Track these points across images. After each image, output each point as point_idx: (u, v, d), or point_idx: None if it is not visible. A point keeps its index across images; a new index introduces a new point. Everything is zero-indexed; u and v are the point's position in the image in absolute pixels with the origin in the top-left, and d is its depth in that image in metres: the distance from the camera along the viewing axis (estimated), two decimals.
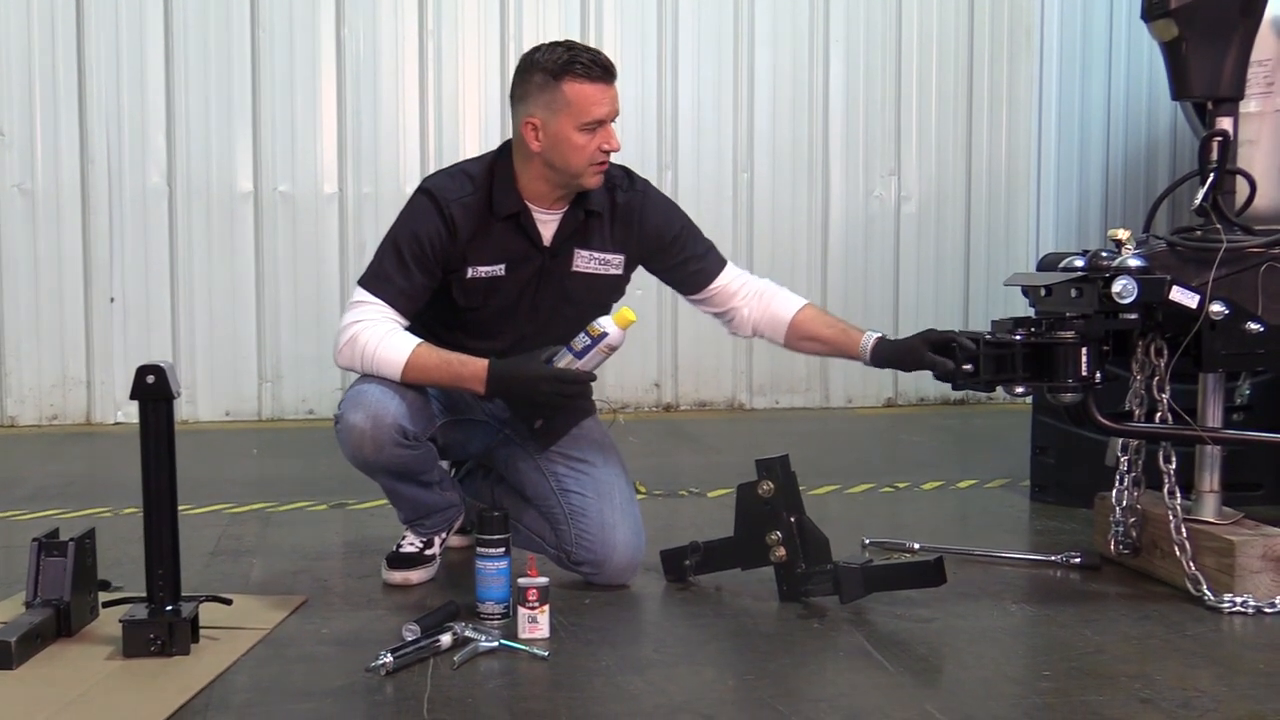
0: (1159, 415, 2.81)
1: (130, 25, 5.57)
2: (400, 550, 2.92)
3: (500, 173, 2.79)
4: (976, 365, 2.67)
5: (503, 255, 2.78)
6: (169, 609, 2.35)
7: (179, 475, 2.39)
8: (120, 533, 3.30)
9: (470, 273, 2.77)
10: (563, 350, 2.66)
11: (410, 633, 2.39)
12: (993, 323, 2.82)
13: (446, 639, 2.36)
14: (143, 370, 2.34)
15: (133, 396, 2.34)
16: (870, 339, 2.79)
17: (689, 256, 2.93)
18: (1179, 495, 2.78)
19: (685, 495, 4.02)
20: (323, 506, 3.82)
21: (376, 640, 2.40)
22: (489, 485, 3.08)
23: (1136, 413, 2.87)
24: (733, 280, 2.95)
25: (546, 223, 2.80)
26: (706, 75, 6.08)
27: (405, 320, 2.74)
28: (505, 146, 2.84)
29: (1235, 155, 2.92)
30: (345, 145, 5.78)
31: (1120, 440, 2.94)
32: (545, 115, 2.70)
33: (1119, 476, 2.97)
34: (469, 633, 2.39)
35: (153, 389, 2.33)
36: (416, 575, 2.89)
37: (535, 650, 2.37)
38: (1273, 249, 2.80)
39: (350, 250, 5.70)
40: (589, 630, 2.54)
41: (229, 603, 2.54)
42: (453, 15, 5.83)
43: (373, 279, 2.75)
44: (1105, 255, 2.75)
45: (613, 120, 2.73)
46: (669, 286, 3.02)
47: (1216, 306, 2.71)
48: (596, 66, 2.68)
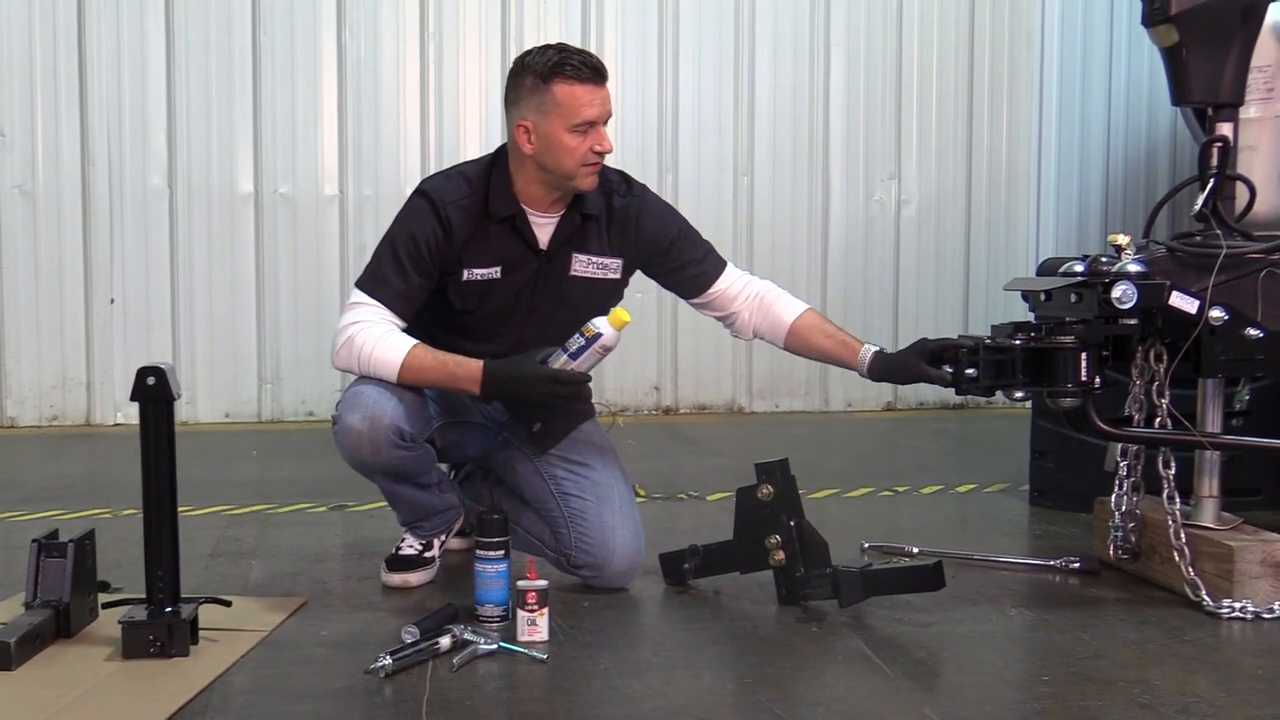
0: (1158, 420, 2.81)
1: (131, 26, 5.58)
2: (399, 552, 2.92)
3: (497, 175, 2.79)
4: (976, 370, 2.67)
5: (498, 258, 2.78)
6: (168, 610, 2.35)
7: (179, 477, 2.39)
8: (120, 534, 3.30)
9: (466, 275, 2.77)
10: (557, 351, 2.65)
11: (409, 635, 2.39)
12: (992, 327, 2.82)
13: (445, 641, 2.36)
14: (143, 372, 2.34)
15: (133, 398, 2.34)
16: (868, 353, 2.79)
17: (687, 261, 2.93)
18: (1178, 500, 2.78)
19: (684, 498, 4.02)
20: (322, 508, 3.82)
21: (375, 642, 2.40)
22: (488, 488, 3.08)
23: (1136, 418, 2.87)
24: (733, 284, 2.95)
25: (543, 226, 2.80)
26: (707, 79, 6.08)
27: (403, 322, 2.74)
28: (503, 149, 2.84)
29: (1235, 161, 2.92)
30: (346, 147, 5.78)
31: (1119, 445, 2.94)
32: (536, 118, 2.70)
33: (1118, 481, 2.97)
34: (468, 635, 2.39)
35: (153, 391, 2.33)
36: (416, 578, 2.89)
37: (534, 653, 2.37)
38: (1272, 255, 2.79)
39: (351, 252, 5.70)
40: (588, 633, 2.54)
41: (228, 604, 2.53)
42: (454, 18, 5.84)
43: (370, 281, 2.75)
44: (1105, 260, 2.75)
45: (604, 122, 2.72)
46: (669, 291, 3.02)
47: (1216, 312, 2.71)
48: (586, 68, 2.68)
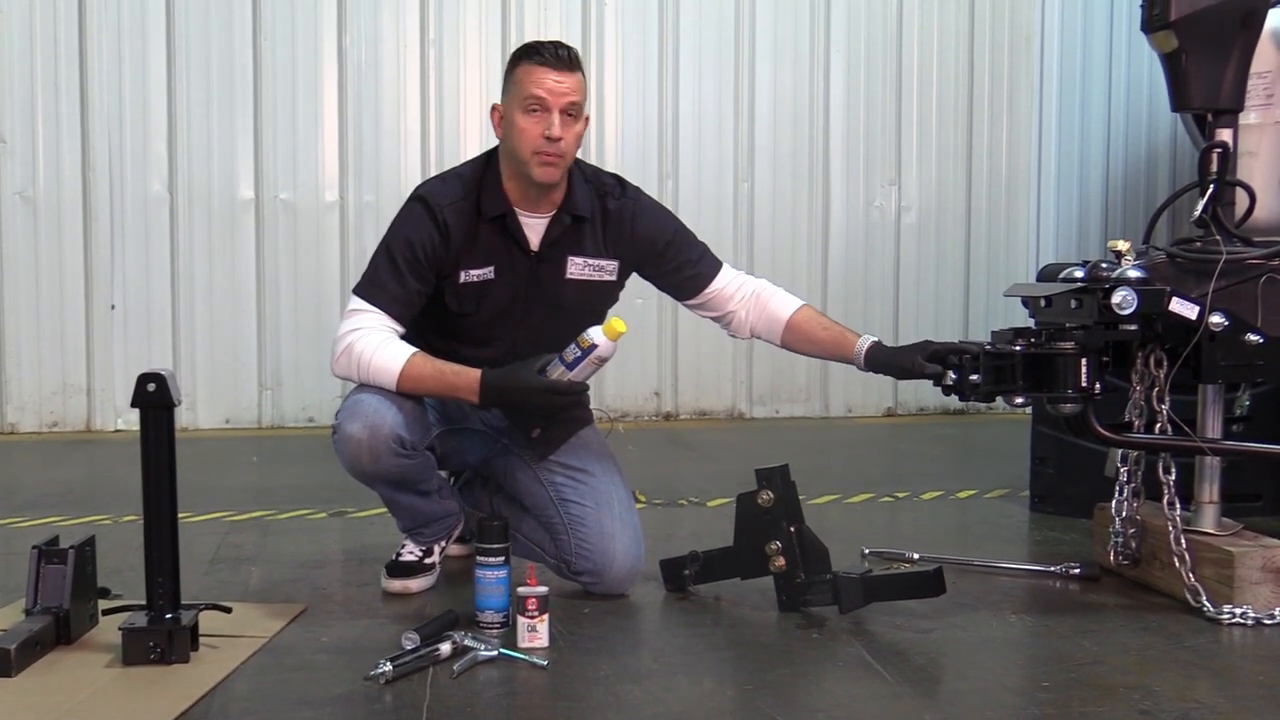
0: (1158, 426, 2.81)
1: (132, 33, 5.58)
2: (399, 559, 2.92)
3: (489, 175, 2.80)
4: (961, 374, 2.66)
5: (491, 258, 2.78)
6: (169, 617, 2.34)
7: (179, 483, 2.39)
8: (120, 540, 3.30)
9: (463, 276, 2.77)
10: (555, 360, 2.65)
11: (409, 641, 2.39)
12: (993, 333, 2.82)
13: (446, 648, 2.36)
14: (144, 378, 2.34)
15: (133, 404, 2.34)
16: (865, 343, 2.78)
17: (682, 262, 2.92)
18: (1178, 506, 2.78)
19: (685, 504, 4.02)
20: (322, 515, 3.82)
21: (376, 649, 2.40)
22: (488, 494, 3.08)
23: (1136, 424, 2.87)
24: (729, 284, 2.94)
25: (533, 227, 2.80)
26: (707, 85, 6.09)
27: (401, 327, 2.74)
28: (496, 149, 2.84)
29: (1235, 167, 2.92)
30: (346, 153, 5.79)
31: (1120, 451, 2.94)
32: (505, 102, 2.75)
33: (1118, 487, 2.97)
34: (468, 641, 2.39)
35: (153, 397, 2.33)
36: (416, 584, 2.89)
37: (534, 659, 2.37)
38: (1272, 260, 2.80)
39: (351, 258, 5.70)
40: (588, 639, 2.53)
41: (228, 611, 2.53)
42: (454, 24, 5.85)
43: (368, 286, 2.75)
44: (1105, 266, 2.75)
45: (562, 110, 2.68)
46: (664, 293, 3.01)
47: (1216, 318, 2.71)
48: (550, 53, 2.69)
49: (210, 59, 5.65)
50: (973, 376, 2.65)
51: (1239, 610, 2.65)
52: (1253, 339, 2.74)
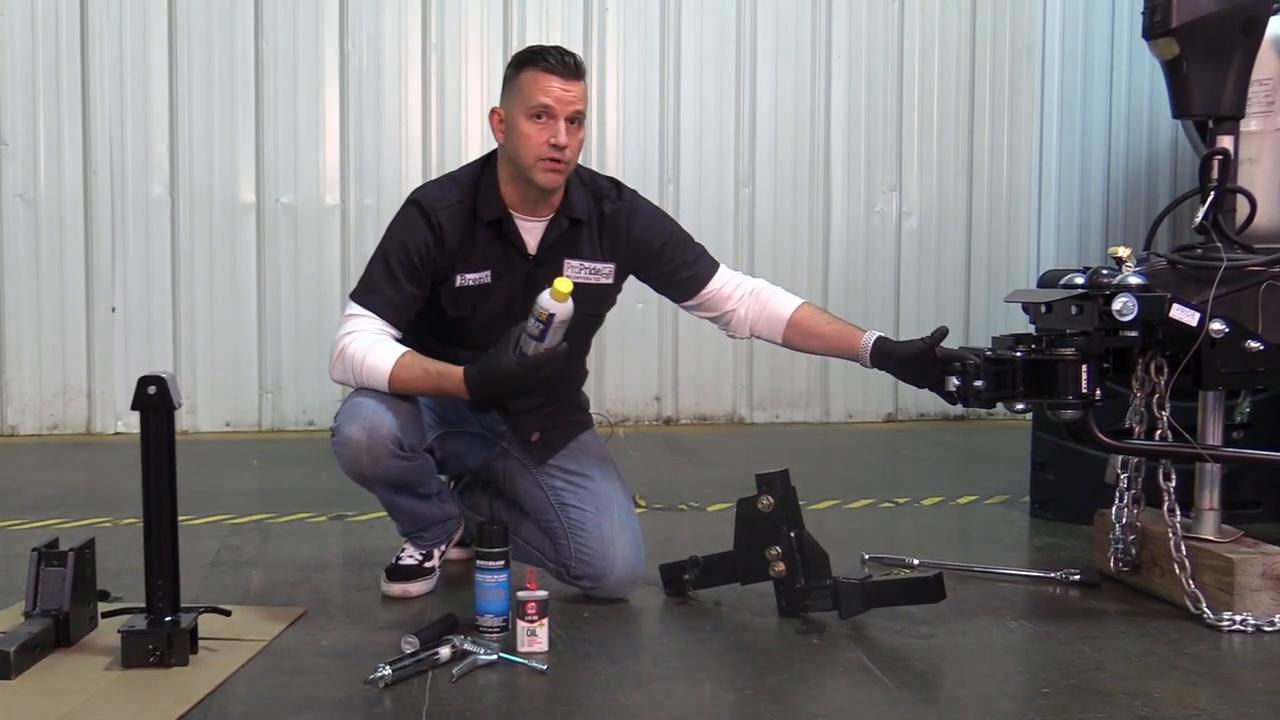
0: (1159, 433, 2.81)
1: (134, 35, 5.58)
2: (399, 562, 2.92)
3: (486, 178, 2.80)
4: (965, 380, 2.66)
5: (488, 262, 2.78)
6: (168, 620, 2.34)
7: (179, 486, 2.39)
8: (120, 543, 3.29)
9: (459, 280, 2.77)
10: (524, 337, 2.57)
11: (409, 645, 2.39)
12: (993, 339, 2.82)
13: (445, 652, 2.36)
14: (144, 381, 2.34)
15: (134, 407, 2.34)
16: (871, 338, 2.76)
17: (679, 264, 2.91)
18: (1179, 513, 2.78)
19: (685, 509, 4.01)
20: (322, 518, 3.82)
21: (375, 653, 2.40)
22: (487, 498, 3.08)
23: (1136, 430, 2.87)
24: (726, 284, 2.93)
25: (530, 230, 2.80)
26: (708, 90, 6.09)
27: (396, 331, 2.74)
28: (495, 152, 2.84)
29: (1236, 174, 2.92)
30: (348, 157, 5.79)
31: (1120, 457, 2.94)
32: (506, 106, 2.73)
33: (1119, 494, 2.97)
34: (468, 646, 2.39)
35: (154, 399, 2.34)
36: (415, 588, 2.89)
37: (534, 664, 2.37)
38: (1273, 267, 2.80)
39: (352, 262, 5.69)
40: (588, 644, 2.53)
41: (228, 614, 2.53)
42: (456, 29, 5.85)
43: (363, 291, 2.76)
44: (1106, 273, 2.76)
45: (567, 118, 2.68)
46: (663, 295, 3.01)
47: (1216, 324, 2.71)
48: (555, 60, 2.68)
49: (212, 62, 5.65)
50: (976, 383, 2.65)
51: (1239, 617, 2.65)
52: (1253, 346, 2.74)
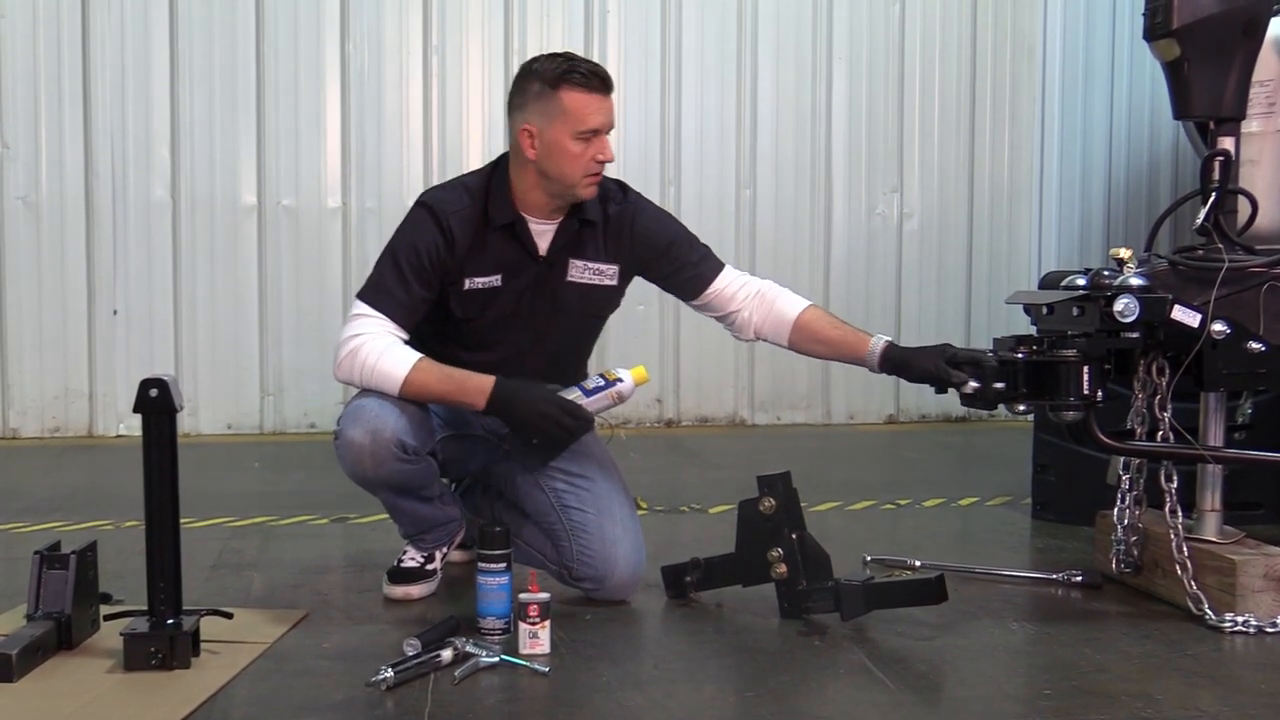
0: (1160, 434, 2.81)
1: (135, 38, 5.59)
2: (401, 565, 2.92)
3: (497, 183, 2.80)
4: (985, 382, 2.66)
5: (499, 265, 2.79)
6: (170, 622, 2.34)
7: (181, 488, 2.39)
8: (122, 546, 3.29)
9: (468, 284, 2.78)
10: (574, 387, 2.69)
11: (411, 648, 2.38)
12: (995, 340, 2.82)
13: (447, 654, 2.36)
14: (146, 383, 2.34)
15: (136, 409, 2.34)
16: (879, 343, 2.78)
17: (683, 264, 2.93)
18: (1180, 514, 2.78)
19: (686, 511, 4.01)
20: (324, 520, 3.82)
21: (377, 655, 2.40)
22: (489, 501, 3.08)
23: (1138, 431, 2.87)
24: (731, 283, 2.94)
25: (542, 233, 2.81)
26: (709, 91, 6.09)
27: (405, 334, 2.75)
28: (502, 159, 2.85)
29: (1237, 175, 2.92)
30: (349, 159, 5.79)
31: (1122, 459, 2.94)
32: (541, 123, 2.72)
33: (1120, 495, 2.97)
34: (470, 648, 2.39)
35: (156, 402, 2.34)
36: (417, 590, 2.89)
37: (536, 666, 2.37)
38: (1274, 268, 2.80)
39: (353, 264, 5.70)
40: (590, 646, 2.53)
41: (230, 616, 2.54)
42: (456, 31, 5.85)
43: (372, 291, 2.76)
44: (1107, 274, 2.76)
45: (608, 131, 2.75)
46: (669, 294, 3.02)
47: (1218, 326, 2.71)
48: (594, 77, 2.72)
49: (213, 64, 5.66)
50: (997, 384, 2.65)
51: (1241, 618, 2.65)
52: (1254, 347, 2.74)
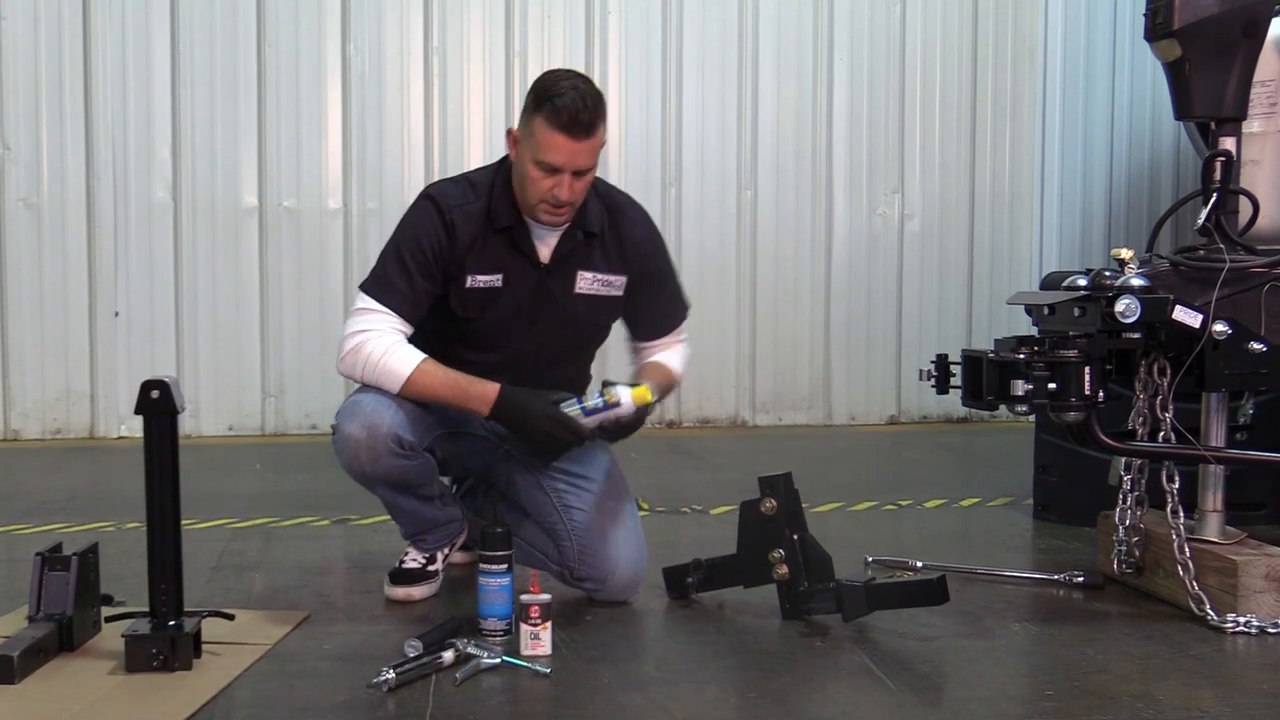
0: (1162, 434, 2.81)
1: (137, 40, 5.60)
2: (403, 566, 2.92)
3: (500, 184, 2.79)
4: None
5: (500, 266, 2.79)
6: (171, 624, 2.34)
7: (182, 490, 2.39)
8: (123, 547, 3.30)
9: (469, 281, 2.77)
10: (573, 400, 2.69)
11: (412, 649, 2.39)
12: (996, 341, 2.82)
13: (449, 655, 2.36)
14: (147, 385, 2.34)
15: (137, 411, 2.34)
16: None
17: (644, 304, 2.92)
18: (1182, 515, 2.78)
19: (688, 512, 4.01)
20: (325, 522, 3.82)
21: (379, 656, 2.40)
22: (490, 501, 3.08)
23: (1140, 432, 2.87)
24: (652, 350, 2.96)
25: (544, 239, 2.80)
26: (710, 93, 6.10)
27: (409, 328, 2.75)
28: (508, 158, 2.84)
29: (1238, 175, 2.92)
30: (350, 161, 5.80)
31: (1123, 459, 2.94)
32: (521, 134, 2.72)
33: (1122, 495, 2.97)
34: (471, 649, 2.39)
35: (157, 404, 2.34)
36: (419, 591, 2.89)
37: (537, 667, 2.36)
38: (1275, 269, 2.80)
39: (354, 266, 5.71)
40: (591, 647, 2.53)
41: (231, 618, 2.54)
42: (457, 33, 5.86)
43: (375, 284, 2.75)
44: (1108, 274, 2.76)
45: (574, 171, 2.66)
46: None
47: (1219, 326, 2.71)
48: (570, 116, 2.60)
49: (214, 66, 5.67)
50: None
51: (1243, 619, 2.65)
52: (1256, 347, 2.74)
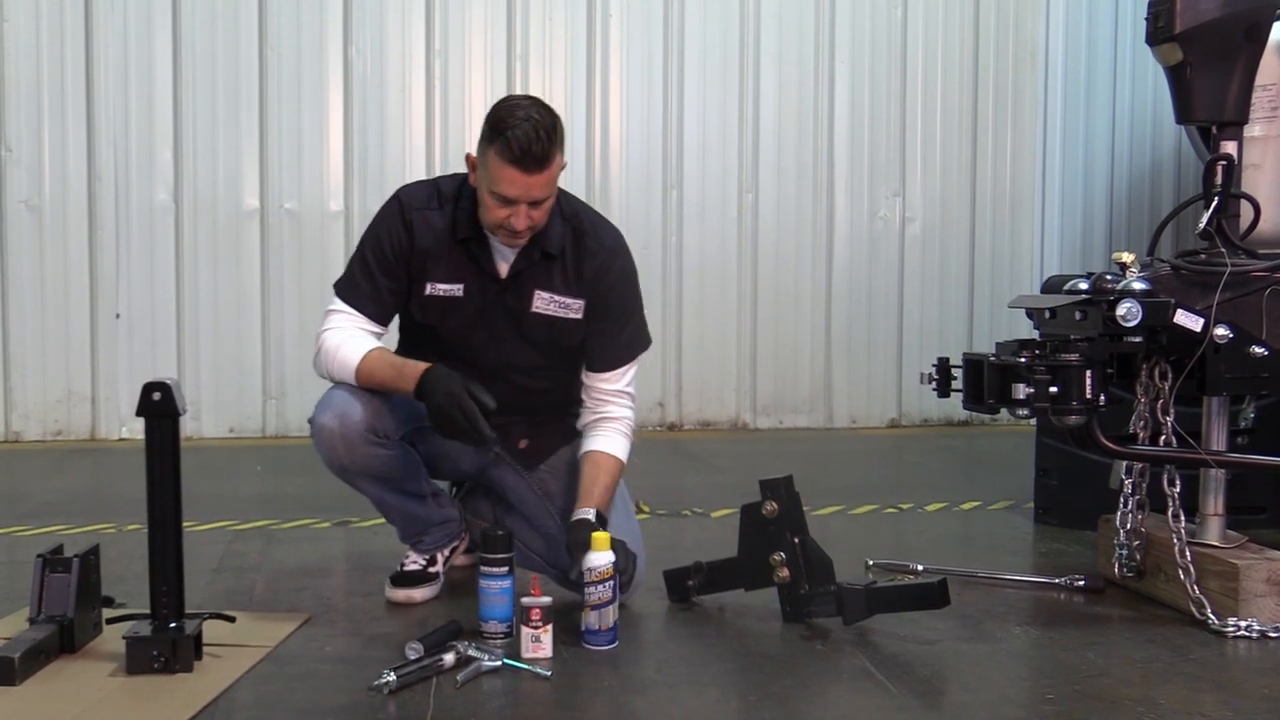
0: (1163, 438, 2.81)
1: (138, 42, 5.60)
2: (404, 569, 2.92)
3: (467, 194, 2.78)
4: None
5: (460, 276, 2.78)
6: (172, 626, 2.34)
7: (183, 492, 2.39)
8: (124, 549, 3.30)
9: (429, 289, 2.78)
10: (488, 394, 2.59)
11: (413, 651, 2.39)
12: (997, 345, 2.82)
13: (449, 658, 2.36)
14: (149, 387, 2.34)
15: (139, 413, 2.34)
16: (586, 513, 2.69)
17: (599, 331, 2.83)
18: (1183, 519, 2.78)
19: (689, 515, 4.01)
20: (326, 524, 3.82)
21: (379, 659, 2.40)
22: (490, 504, 3.08)
23: (1141, 436, 2.87)
24: (600, 389, 2.85)
25: (502, 254, 2.77)
26: (712, 96, 6.10)
27: (377, 326, 2.77)
28: None
29: (1239, 179, 2.92)
30: (351, 163, 5.80)
31: (1124, 463, 2.93)
32: (478, 163, 2.68)
33: (1123, 499, 2.97)
34: (472, 652, 2.39)
35: (158, 406, 2.34)
36: (420, 593, 2.89)
37: (538, 670, 2.36)
38: (1277, 273, 2.80)
39: None
40: (592, 650, 2.53)
41: (232, 620, 2.53)
42: (459, 35, 5.86)
43: (343, 284, 2.80)
44: (1109, 278, 2.76)
45: (529, 202, 2.62)
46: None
47: (1220, 330, 2.71)
48: (523, 152, 2.55)
49: (216, 68, 5.67)
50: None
51: (1244, 623, 2.64)
52: (1257, 351, 2.74)
